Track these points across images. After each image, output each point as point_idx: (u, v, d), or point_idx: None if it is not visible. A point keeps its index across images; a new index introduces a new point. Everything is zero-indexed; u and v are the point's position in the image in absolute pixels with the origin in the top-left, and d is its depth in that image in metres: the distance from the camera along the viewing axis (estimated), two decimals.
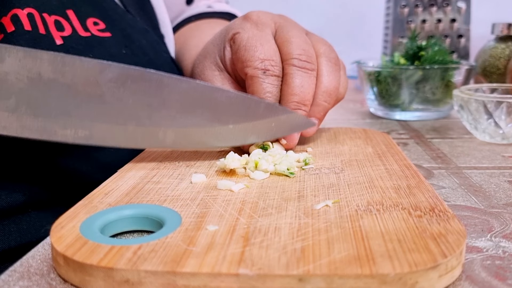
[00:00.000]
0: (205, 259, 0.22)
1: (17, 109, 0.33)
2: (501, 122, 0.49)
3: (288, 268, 0.21)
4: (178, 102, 0.35)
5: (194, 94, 0.36)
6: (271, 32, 0.41)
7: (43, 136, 0.34)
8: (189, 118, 0.36)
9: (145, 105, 0.35)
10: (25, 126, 0.33)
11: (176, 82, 0.35)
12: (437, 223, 0.25)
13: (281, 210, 0.27)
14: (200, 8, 0.66)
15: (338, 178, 0.33)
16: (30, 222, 0.40)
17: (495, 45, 0.75)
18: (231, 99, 0.36)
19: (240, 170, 0.34)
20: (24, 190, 0.40)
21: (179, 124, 0.36)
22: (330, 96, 0.40)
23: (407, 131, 0.58)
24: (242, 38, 0.40)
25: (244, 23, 0.41)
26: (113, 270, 0.21)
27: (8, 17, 0.39)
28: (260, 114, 0.37)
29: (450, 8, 0.88)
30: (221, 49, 0.43)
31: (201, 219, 0.26)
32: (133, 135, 0.35)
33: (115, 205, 0.28)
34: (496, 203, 0.33)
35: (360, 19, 1.20)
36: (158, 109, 0.35)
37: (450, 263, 0.22)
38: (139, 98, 0.35)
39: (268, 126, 0.37)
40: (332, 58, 0.41)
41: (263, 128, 0.37)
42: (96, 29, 0.45)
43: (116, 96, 0.34)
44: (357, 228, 0.24)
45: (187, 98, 0.35)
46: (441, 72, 0.63)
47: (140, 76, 0.35)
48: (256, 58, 0.39)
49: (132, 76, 0.34)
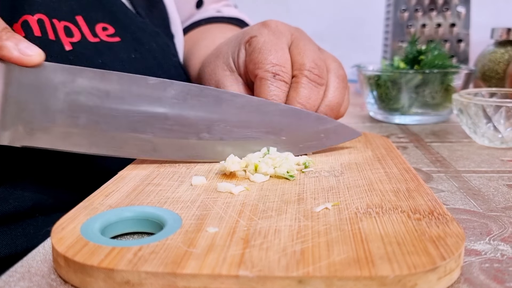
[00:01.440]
0: (205, 260, 0.22)
1: (87, 127, 0.35)
2: (500, 126, 0.49)
3: (288, 270, 0.21)
4: (235, 116, 0.37)
5: (250, 108, 0.38)
6: (287, 42, 0.43)
7: (109, 152, 0.36)
8: (245, 131, 0.38)
9: (205, 120, 0.37)
10: (93, 143, 0.35)
11: (233, 97, 0.38)
12: (436, 226, 0.25)
13: (281, 212, 0.27)
14: (209, 12, 0.68)
15: (337, 181, 0.33)
16: (37, 227, 0.41)
17: (495, 49, 0.76)
18: (283, 111, 0.39)
19: (240, 172, 0.35)
20: (32, 195, 0.41)
21: (236, 136, 0.38)
22: (331, 111, 0.42)
23: (406, 135, 0.59)
24: (258, 41, 0.41)
25: (262, 28, 0.43)
26: (113, 271, 0.21)
27: (19, 23, 0.40)
28: (310, 125, 0.39)
29: (450, 12, 0.88)
30: (235, 51, 0.44)
31: (201, 221, 0.26)
32: (194, 148, 0.37)
33: (116, 206, 0.28)
34: (494, 207, 0.33)
35: (360, 23, 1.21)
36: (217, 123, 0.37)
37: (449, 265, 0.22)
38: (199, 113, 0.37)
39: (318, 136, 0.39)
40: (341, 75, 0.43)
41: (314, 138, 0.39)
42: (105, 34, 0.46)
43: (177, 112, 0.36)
44: (357, 231, 0.25)
45: (243, 112, 0.38)
46: (441, 76, 0.63)
47: (200, 93, 0.37)
48: (268, 62, 0.40)
49: (192, 92, 0.37)
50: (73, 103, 0.34)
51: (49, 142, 0.35)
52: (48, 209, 0.42)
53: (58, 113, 0.34)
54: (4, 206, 0.39)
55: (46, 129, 0.34)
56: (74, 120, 0.35)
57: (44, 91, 0.34)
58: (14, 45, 0.32)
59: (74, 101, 0.34)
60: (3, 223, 0.40)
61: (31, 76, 0.34)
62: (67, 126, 0.35)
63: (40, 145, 0.35)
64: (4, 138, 0.34)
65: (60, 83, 0.34)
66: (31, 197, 0.41)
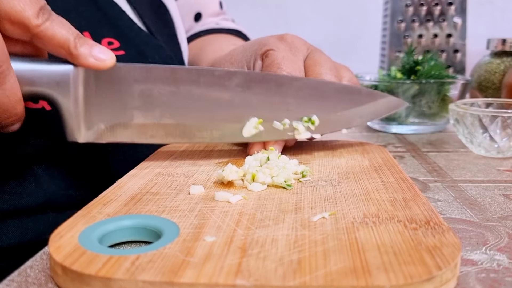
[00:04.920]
0: (202, 269, 0.22)
1: (162, 119, 0.39)
2: (496, 136, 0.50)
3: (284, 280, 0.21)
4: (293, 97, 0.41)
5: (307, 89, 0.41)
6: (303, 57, 0.45)
7: (184, 139, 0.40)
8: (303, 110, 0.41)
9: (267, 103, 0.41)
10: (169, 133, 0.39)
11: (291, 80, 0.41)
12: (432, 236, 0.25)
13: (278, 221, 0.28)
14: (209, 25, 0.71)
15: (335, 190, 0.33)
16: (47, 223, 0.42)
17: (491, 60, 0.76)
18: (338, 90, 0.42)
19: (238, 182, 0.35)
20: (45, 192, 0.42)
21: (296, 116, 0.41)
22: None
23: (403, 145, 0.59)
24: (277, 56, 0.44)
25: (279, 43, 0.45)
26: (111, 280, 0.21)
27: None
28: (362, 100, 0.43)
29: (447, 23, 0.89)
30: (250, 60, 0.46)
31: (199, 230, 0.26)
32: (259, 129, 0.41)
33: (114, 215, 0.28)
34: (491, 217, 0.34)
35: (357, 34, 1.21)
36: (278, 105, 0.41)
37: (445, 275, 0.22)
38: (262, 98, 0.40)
39: (369, 110, 0.44)
40: (354, 83, 0.46)
41: (365, 111, 0.43)
42: (110, 48, 0.47)
43: (242, 98, 0.40)
44: (353, 240, 0.25)
45: (301, 93, 0.41)
46: (437, 86, 0.64)
47: (261, 79, 0.41)
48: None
49: (255, 79, 0.40)
50: (147, 99, 0.38)
51: (129, 136, 0.38)
52: (60, 206, 0.43)
53: (135, 109, 0.38)
54: (17, 200, 0.41)
55: (125, 124, 0.38)
56: (149, 114, 0.38)
57: (120, 90, 0.37)
58: (89, 52, 0.34)
59: (148, 96, 0.38)
60: (15, 216, 0.41)
61: (106, 77, 0.36)
62: (143, 120, 0.38)
63: (121, 140, 0.38)
64: (89, 136, 0.37)
65: (134, 81, 0.37)
66: (44, 194, 0.42)
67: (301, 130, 0.41)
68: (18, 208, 0.41)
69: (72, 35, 0.33)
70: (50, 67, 0.34)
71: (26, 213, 0.41)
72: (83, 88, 0.36)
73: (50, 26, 0.32)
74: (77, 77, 0.35)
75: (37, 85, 0.34)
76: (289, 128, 0.41)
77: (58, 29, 0.32)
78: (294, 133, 0.41)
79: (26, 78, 0.33)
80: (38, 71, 0.34)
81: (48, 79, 0.34)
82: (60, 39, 0.33)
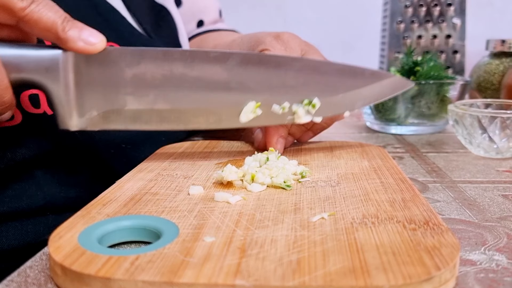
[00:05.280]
0: (202, 270, 0.22)
1: (156, 104, 0.37)
2: (495, 137, 0.50)
3: (284, 280, 0.21)
4: (293, 79, 0.39)
5: (307, 70, 0.39)
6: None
7: (179, 126, 0.38)
8: (304, 92, 0.39)
9: (266, 86, 0.39)
10: (163, 119, 0.37)
11: (291, 61, 0.39)
12: (431, 236, 0.25)
13: (277, 222, 0.28)
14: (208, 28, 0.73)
15: (334, 191, 0.33)
16: (47, 225, 0.42)
17: (490, 61, 0.76)
18: (339, 70, 0.40)
19: (237, 182, 0.35)
20: (44, 194, 0.42)
21: (295, 99, 0.39)
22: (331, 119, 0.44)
23: (402, 145, 0.59)
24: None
25: (275, 42, 0.45)
26: (110, 280, 0.21)
27: None
28: (365, 81, 0.41)
29: (446, 24, 0.89)
30: None
31: (198, 230, 0.26)
32: (257, 114, 0.39)
33: (113, 215, 0.28)
34: (490, 217, 0.34)
35: (357, 34, 1.22)
36: (277, 87, 0.39)
37: (444, 276, 0.22)
38: (260, 80, 0.38)
39: (373, 91, 0.41)
40: None
41: (369, 93, 0.41)
42: None
43: (239, 81, 0.38)
44: (352, 241, 0.25)
45: (301, 74, 0.39)
46: (437, 87, 0.64)
47: (259, 60, 0.39)
48: None
49: (252, 60, 0.38)
50: (141, 83, 0.36)
51: (122, 123, 0.37)
52: (60, 208, 0.43)
53: (127, 94, 0.36)
54: (17, 202, 0.41)
55: (118, 111, 0.36)
56: (143, 99, 0.36)
57: (112, 74, 0.36)
58: (78, 35, 0.33)
59: (141, 81, 0.36)
60: (15, 218, 0.41)
61: (97, 61, 0.35)
62: (137, 106, 0.37)
63: (115, 127, 0.37)
64: (82, 123, 0.36)
65: (126, 65, 0.36)
66: (44, 196, 0.42)
67: (301, 114, 0.40)
68: (18, 211, 0.41)
69: (60, 17, 0.32)
70: (38, 52, 0.33)
71: (26, 216, 0.41)
72: (74, 73, 0.34)
73: (36, 9, 0.31)
74: (67, 62, 0.34)
75: (25, 71, 0.33)
76: (288, 112, 0.40)
77: (44, 11, 0.31)
78: (294, 117, 0.40)
79: (13, 64, 0.32)
80: (25, 57, 0.33)
81: (37, 65, 0.33)
82: (47, 22, 0.31)
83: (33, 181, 0.42)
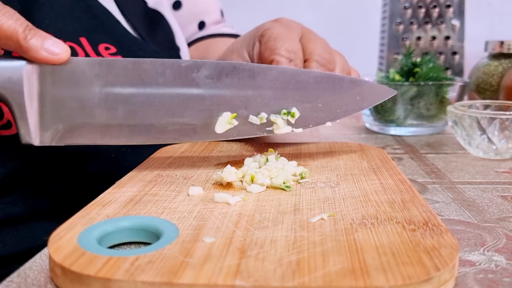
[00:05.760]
0: (201, 270, 0.22)
1: (126, 118, 0.35)
2: (494, 138, 0.50)
3: (283, 280, 0.21)
4: (270, 89, 0.38)
5: (284, 78, 0.38)
6: (298, 35, 0.45)
7: (150, 140, 0.36)
8: (281, 102, 0.38)
9: (241, 96, 0.37)
10: (134, 133, 0.36)
11: (266, 70, 0.38)
12: (430, 237, 0.25)
13: (277, 223, 0.28)
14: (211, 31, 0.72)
15: (333, 192, 0.33)
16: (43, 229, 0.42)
17: (489, 62, 0.77)
18: (317, 78, 0.39)
19: (236, 183, 0.35)
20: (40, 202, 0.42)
21: (273, 109, 0.38)
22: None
23: (402, 146, 0.59)
24: (273, 32, 0.43)
25: (274, 23, 0.45)
26: (110, 281, 0.21)
27: None
28: (345, 89, 0.39)
29: (445, 25, 0.89)
30: (250, 44, 0.46)
31: (198, 231, 0.26)
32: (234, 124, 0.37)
33: (113, 216, 0.28)
34: (489, 218, 0.34)
35: (356, 36, 1.22)
36: (253, 98, 0.37)
37: (443, 276, 0.22)
38: (235, 90, 0.37)
39: (354, 99, 0.40)
40: (345, 69, 0.45)
41: (350, 102, 0.40)
42: (107, 53, 0.47)
43: (213, 92, 0.37)
44: (352, 241, 0.25)
45: (278, 84, 0.38)
46: (436, 88, 0.64)
47: (233, 69, 0.37)
48: (284, 48, 0.42)
49: (226, 70, 0.37)
50: (109, 95, 0.35)
51: (90, 138, 0.35)
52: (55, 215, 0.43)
53: (96, 107, 0.34)
54: (12, 208, 0.40)
55: (85, 124, 0.35)
56: (112, 112, 0.35)
57: (79, 86, 0.34)
58: (40, 44, 0.32)
59: (110, 92, 0.35)
60: (11, 224, 0.41)
61: (63, 73, 0.34)
62: (105, 119, 0.35)
63: (81, 142, 0.35)
64: (46, 138, 0.34)
65: (93, 77, 0.34)
66: (40, 203, 0.42)
67: (280, 124, 0.38)
68: (13, 216, 0.40)
69: (21, 26, 0.31)
70: (1, 63, 0.32)
71: (22, 221, 0.41)
72: (38, 85, 0.33)
73: None
74: (31, 73, 0.33)
75: None
76: (267, 123, 0.38)
77: (4, 19, 0.30)
78: (273, 127, 0.38)
79: None
80: None
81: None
82: (6, 30, 0.30)
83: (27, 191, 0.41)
